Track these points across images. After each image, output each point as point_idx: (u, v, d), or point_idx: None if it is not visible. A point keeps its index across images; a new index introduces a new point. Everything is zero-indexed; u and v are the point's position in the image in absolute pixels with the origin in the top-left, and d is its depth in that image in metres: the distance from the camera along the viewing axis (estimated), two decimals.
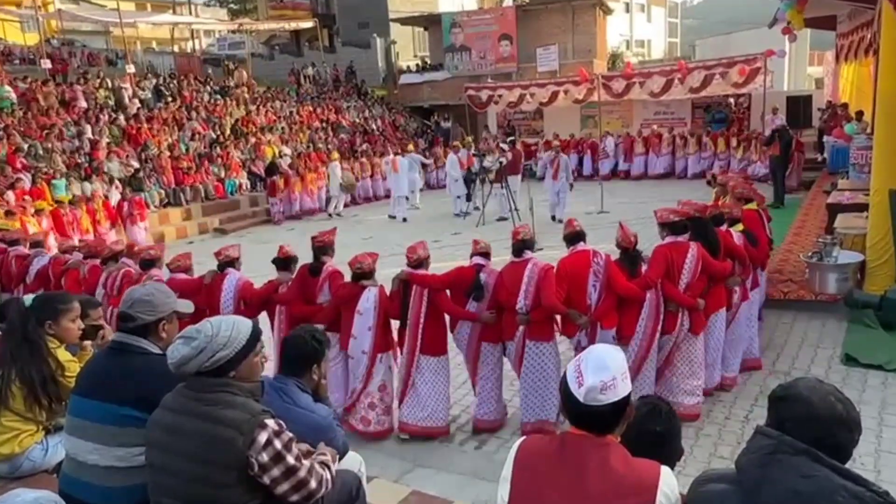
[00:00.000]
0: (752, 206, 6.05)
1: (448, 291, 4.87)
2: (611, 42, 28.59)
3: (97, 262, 6.38)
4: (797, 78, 25.67)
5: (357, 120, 23.64)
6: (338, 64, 28.36)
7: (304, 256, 5.37)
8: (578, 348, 4.79)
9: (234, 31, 28.77)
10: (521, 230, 4.91)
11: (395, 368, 5.05)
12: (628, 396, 1.87)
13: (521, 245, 4.83)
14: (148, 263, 5.79)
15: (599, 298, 4.69)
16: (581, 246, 4.87)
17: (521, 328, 4.72)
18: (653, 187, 16.93)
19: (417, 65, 28.83)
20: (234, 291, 5.16)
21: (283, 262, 5.26)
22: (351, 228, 14.20)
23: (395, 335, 5.04)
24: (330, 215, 16.33)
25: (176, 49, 28.70)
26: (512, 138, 18.21)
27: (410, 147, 18.31)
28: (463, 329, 4.88)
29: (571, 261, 4.79)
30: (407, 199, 15.69)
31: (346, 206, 17.10)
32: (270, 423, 2.13)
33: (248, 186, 17.21)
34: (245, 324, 2.25)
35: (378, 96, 27.32)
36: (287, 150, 18.73)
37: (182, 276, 5.45)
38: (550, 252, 8.15)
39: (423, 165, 18.13)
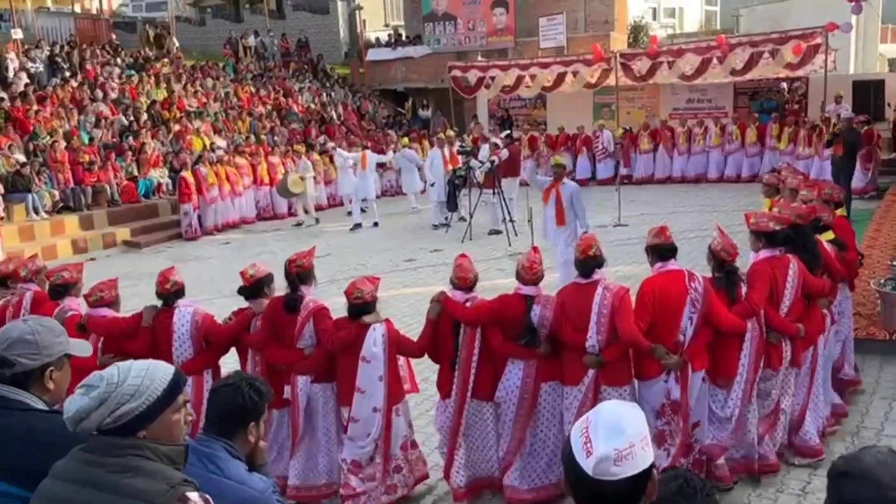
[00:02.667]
0: (842, 211, 6.26)
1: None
2: (632, 11, 28.93)
3: None
4: (866, 58, 26.16)
5: (312, 105, 23.69)
6: (288, 33, 28.44)
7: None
8: (667, 399, 4.72)
9: None
10: (592, 242, 4.83)
11: (409, 416, 5.19)
12: (650, 469, 1.86)
13: (591, 262, 4.76)
14: (59, 290, 5.45)
15: (695, 334, 4.67)
16: (672, 264, 4.79)
17: (591, 372, 4.68)
18: (677, 194, 17.12)
19: (389, 36, 29.02)
20: (191, 330, 5.07)
21: (251, 290, 5.18)
22: (305, 242, 14.15)
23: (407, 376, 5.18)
24: (299, 223, 16.40)
25: (78, 9, 28.62)
26: (507, 132, 18.31)
27: (405, 141, 18.35)
28: (513, 372, 4.83)
29: (661, 283, 4.71)
30: (363, 210, 15.73)
31: (291, 213, 17.20)
32: (194, 497, 2.09)
33: (170, 187, 17.13)
34: (163, 370, 2.23)
35: (339, 76, 27.42)
36: (221, 143, 18.70)
37: (107, 312, 5.20)
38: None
39: (380, 164, 18.31)
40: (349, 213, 16.11)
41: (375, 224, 15.49)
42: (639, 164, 19.37)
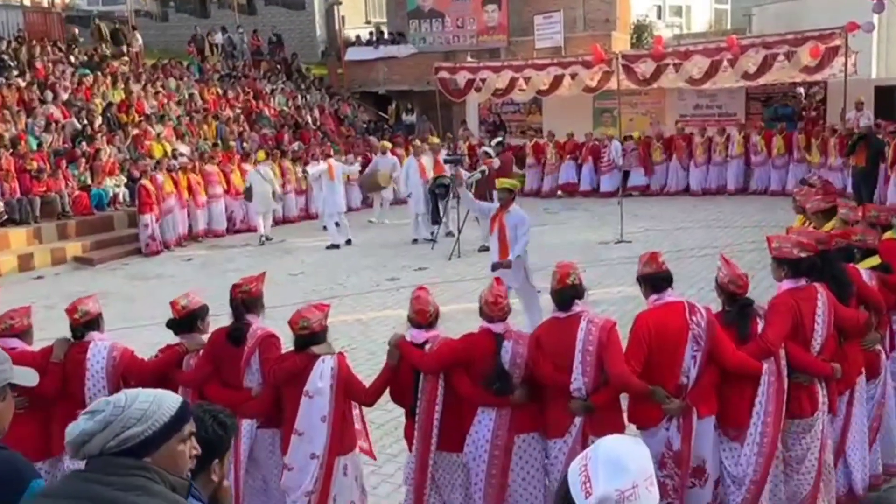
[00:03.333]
0: (892, 234, 6.11)
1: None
2: (635, 9, 29.23)
3: None
4: (889, 61, 26.45)
5: (285, 109, 23.71)
6: (259, 30, 28.48)
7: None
8: (668, 449, 4.49)
9: None
10: (569, 270, 4.66)
11: (360, 476, 4.89)
12: None
13: (569, 293, 4.59)
14: None
15: (700, 375, 4.47)
16: (670, 295, 4.60)
17: (577, 420, 4.46)
18: (685, 208, 17.26)
19: (371, 34, 29.13)
20: (107, 367, 4.86)
21: (182, 323, 5.02)
22: (276, 259, 14.14)
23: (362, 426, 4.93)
24: (261, 240, 16.14)
25: (27, 1, 28.54)
26: (499, 139, 18.37)
27: (386, 144, 18.34)
28: (483, 423, 4.56)
29: (658, 316, 4.52)
30: (337, 224, 15.54)
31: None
32: None
33: (127, 198, 17.05)
34: (171, 397, 2.34)
35: (315, 77, 27.49)
36: (184, 149, 18.63)
37: (16, 344, 4.91)
38: None
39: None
40: (324, 228, 16.05)
41: (348, 242, 15.35)
42: (655, 174, 19.63)
